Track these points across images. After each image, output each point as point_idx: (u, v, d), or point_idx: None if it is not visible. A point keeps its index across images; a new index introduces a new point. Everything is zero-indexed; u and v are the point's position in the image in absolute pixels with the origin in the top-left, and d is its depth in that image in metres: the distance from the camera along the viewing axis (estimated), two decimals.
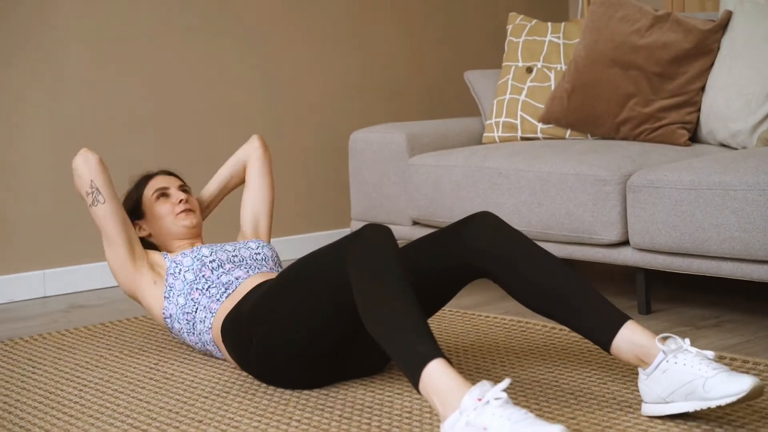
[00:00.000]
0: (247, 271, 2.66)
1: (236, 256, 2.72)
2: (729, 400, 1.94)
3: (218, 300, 2.58)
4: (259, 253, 2.77)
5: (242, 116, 4.12)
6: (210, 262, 2.66)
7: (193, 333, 2.64)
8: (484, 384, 1.86)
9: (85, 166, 2.67)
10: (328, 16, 4.32)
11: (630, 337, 2.10)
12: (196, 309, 2.61)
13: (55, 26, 3.69)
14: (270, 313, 2.33)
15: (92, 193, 2.67)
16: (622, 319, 2.12)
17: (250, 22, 4.12)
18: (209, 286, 2.61)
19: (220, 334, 2.53)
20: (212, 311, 2.58)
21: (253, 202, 2.99)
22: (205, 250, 2.69)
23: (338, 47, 4.35)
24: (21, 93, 3.65)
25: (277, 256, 2.83)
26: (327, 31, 4.32)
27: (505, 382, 1.85)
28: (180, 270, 2.65)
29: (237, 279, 2.62)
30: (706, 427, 2.04)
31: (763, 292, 3.27)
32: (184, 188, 2.88)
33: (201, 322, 2.61)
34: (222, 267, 2.65)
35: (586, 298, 2.18)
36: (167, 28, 3.92)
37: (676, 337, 2.08)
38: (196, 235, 2.85)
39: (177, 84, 3.96)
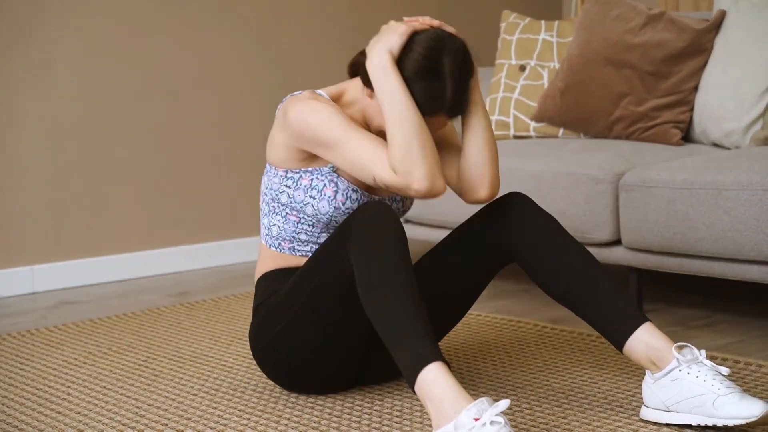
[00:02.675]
0: None
1: None
2: (737, 422, 1.93)
3: (293, 248, 2.30)
4: None
5: (238, 113, 4.10)
6: (332, 226, 2.25)
7: (264, 213, 2.33)
8: (482, 402, 1.82)
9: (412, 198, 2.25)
10: (323, 12, 4.31)
11: (646, 339, 2.07)
12: (277, 222, 2.30)
13: (49, 21, 3.67)
14: (281, 316, 2.24)
15: (383, 188, 2.18)
16: (641, 319, 2.10)
17: (247, 18, 4.10)
18: (304, 230, 2.27)
19: (257, 279, 2.34)
20: (281, 247, 2.31)
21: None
22: (341, 213, 2.24)
23: (333, 44, 4.34)
24: (13, 88, 3.62)
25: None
26: (322, 28, 4.31)
27: (504, 404, 1.81)
28: (313, 197, 2.22)
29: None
30: (698, 426, 2.03)
31: (754, 292, 3.27)
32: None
33: (268, 228, 2.32)
34: (329, 230, 2.27)
35: (607, 294, 2.13)
36: (162, 22, 3.91)
37: (693, 347, 2.05)
38: None
39: (172, 79, 3.95)
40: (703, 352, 2.05)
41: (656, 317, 3.01)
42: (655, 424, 2.07)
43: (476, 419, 1.80)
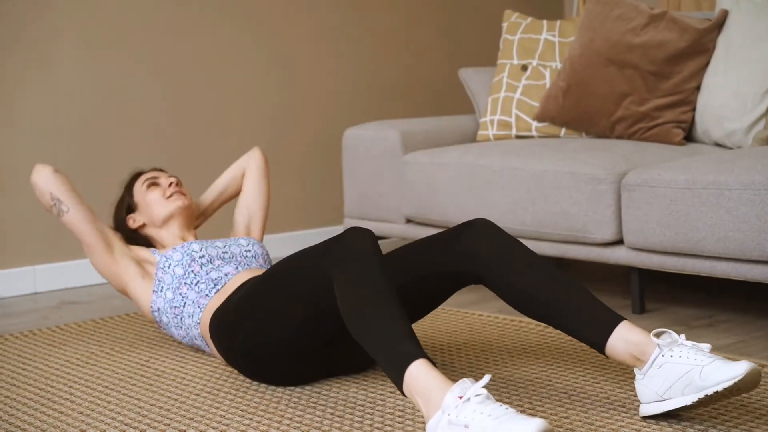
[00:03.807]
0: (237, 268, 2.69)
1: (226, 252, 2.74)
2: (726, 385, 1.93)
3: (207, 295, 2.60)
4: (249, 250, 2.79)
5: (237, 112, 4.10)
6: (200, 257, 2.67)
7: (181, 327, 2.65)
8: (464, 382, 1.87)
9: (41, 181, 2.71)
10: (323, 12, 4.31)
11: (625, 336, 2.09)
12: (184, 303, 2.62)
13: (47, 19, 3.67)
14: (255, 310, 2.34)
15: (54, 204, 2.71)
16: (617, 319, 2.12)
17: (246, 19, 4.10)
18: (198, 281, 2.63)
19: (208, 330, 2.52)
20: (201, 306, 2.59)
21: (248, 205, 3.03)
22: (195, 246, 2.70)
23: (333, 44, 4.34)
24: (12, 87, 3.63)
25: (267, 254, 2.85)
26: (323, 28, 4.31)
27: (485, 379, 1.85)
28: (170, 264, 2.67)
29: (226, 275, 2.64)
30: (700, 427, 2.04)
31: (757, 292, 3.27)
32: (173, 176, 2.91)
33: (189, 316, 2.62)
34: (211, 263, 2.68)
35: (579, 302, 2.17)
36: (162, 20, 3.91)
37: (671, 331, 2.07)
38: (188, 217, 2.87)
39: (171, 75, 3.95)
40: (683, 335, 2.07)
41: (658, 317, 3.01)
42: (655, 417, 2.07)
43: (460, 397, 1.83)
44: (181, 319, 2.64)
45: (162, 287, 2.67)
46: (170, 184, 2.85)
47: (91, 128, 3.78)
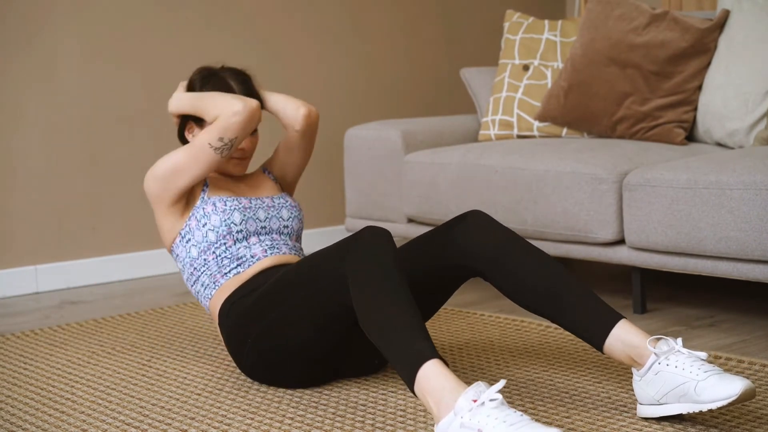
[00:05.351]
0: (267, 250, 2.54)
1: (265, 227, 2.57)
2: (720, 404, 1.93)
3: (226, 274, 2.49)
4: (287, 226, 2.62)
5: None
6: (237, 232, 2.51)
7: (192, 284, 2.56)
8: (479, 385, 1.85)
9: (245, 127, 2.52)
10: (325, 11, 4.31)
11: (622, 337, 2.09)
12: (203, 272, 2.52)
13: (51, 22, 3.68)
14: (268, 312, 2.31)
15: (224, 146, 2.50)
16: (615, 318, 2.11)
17: (246, 18, 4.10)
18: (224, 256, 2.50)
19: (217, 313, 2.49)
20: (217, 283, 2.49)
21: (287, 159, 2.82)
22: (237, 216, 2.52)
23: (334, 44, 4.34)
24: (16, 89, 3.63)
25: (301, 229, 2.69)
26: (323, 28, 4.31)
27: (500, 384, 1.85)
28: (205, 224, 2.51)
29: (253, 257, 2.51)
30: (701, 427, 2.04)
31: (758, 292, 3.27)
32: (253, 140, 2.70)
33: (203, 285, 2.52)
34: (246, 240, 2.53)
35: (578, 297, 2.17)
36: (161, 23, 3.91)
37: (668, 338, 2.07)
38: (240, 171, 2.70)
39: (172, 80, 3.95)
40: (679, 340, 2.06)
41: (660, 317, 3.01)
42: (654, 419, 2.07)
43: (474, 401, 1.83)
44: (196, 279, 2.54)
45: (189, 239, 2.53)
46: (240, 149, 2.63)
47: (95, 129, 3.78)
